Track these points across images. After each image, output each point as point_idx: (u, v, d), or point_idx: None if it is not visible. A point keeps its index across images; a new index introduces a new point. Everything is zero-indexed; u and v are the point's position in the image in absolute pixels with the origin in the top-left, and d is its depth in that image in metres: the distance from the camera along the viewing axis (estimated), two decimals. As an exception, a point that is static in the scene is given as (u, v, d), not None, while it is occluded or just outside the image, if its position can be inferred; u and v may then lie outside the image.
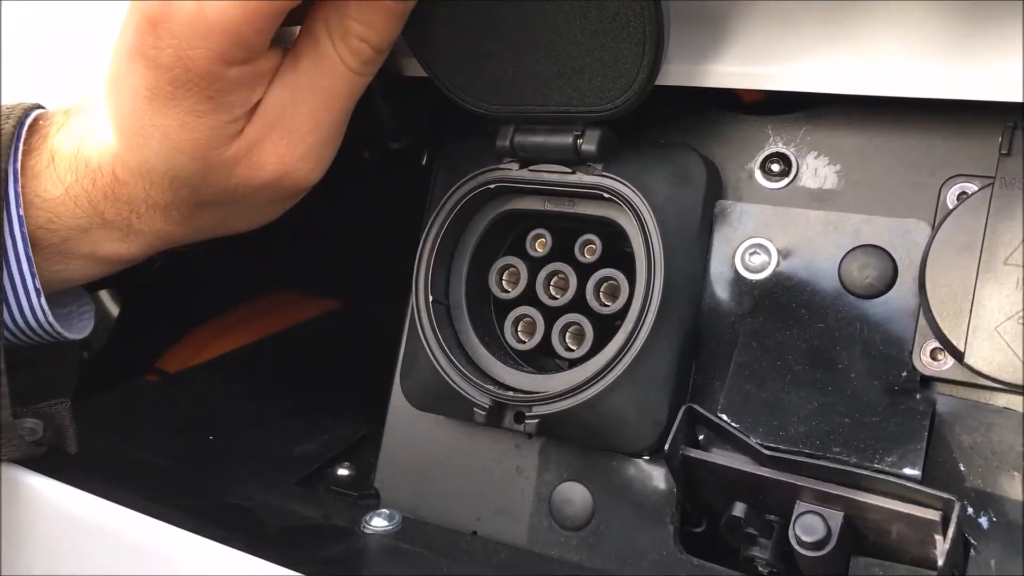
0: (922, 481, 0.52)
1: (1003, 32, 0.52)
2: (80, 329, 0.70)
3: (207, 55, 0.55)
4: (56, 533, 0.66)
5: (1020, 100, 0.51)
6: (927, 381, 0.56)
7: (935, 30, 0.54)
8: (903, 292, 0.56)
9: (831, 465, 0.52)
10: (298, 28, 0.61)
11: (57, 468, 0.67)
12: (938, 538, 0.49)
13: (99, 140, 0.62)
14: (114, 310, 1.06)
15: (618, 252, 0.62)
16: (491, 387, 0.62)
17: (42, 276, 0.63)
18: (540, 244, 0.65)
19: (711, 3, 0.59)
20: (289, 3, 0.55)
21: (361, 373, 0.78)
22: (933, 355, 0.55)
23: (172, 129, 0.58)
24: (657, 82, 0.57)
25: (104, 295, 1.03)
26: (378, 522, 0.65)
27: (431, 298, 0.65)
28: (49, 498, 0.65)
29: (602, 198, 0.61)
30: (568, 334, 0.64)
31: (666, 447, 0.54)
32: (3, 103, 0.66)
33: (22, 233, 0.62)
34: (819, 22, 0.56)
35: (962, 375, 0.54)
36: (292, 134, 0.61)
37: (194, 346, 1.03)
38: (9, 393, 0.62)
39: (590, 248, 0.63)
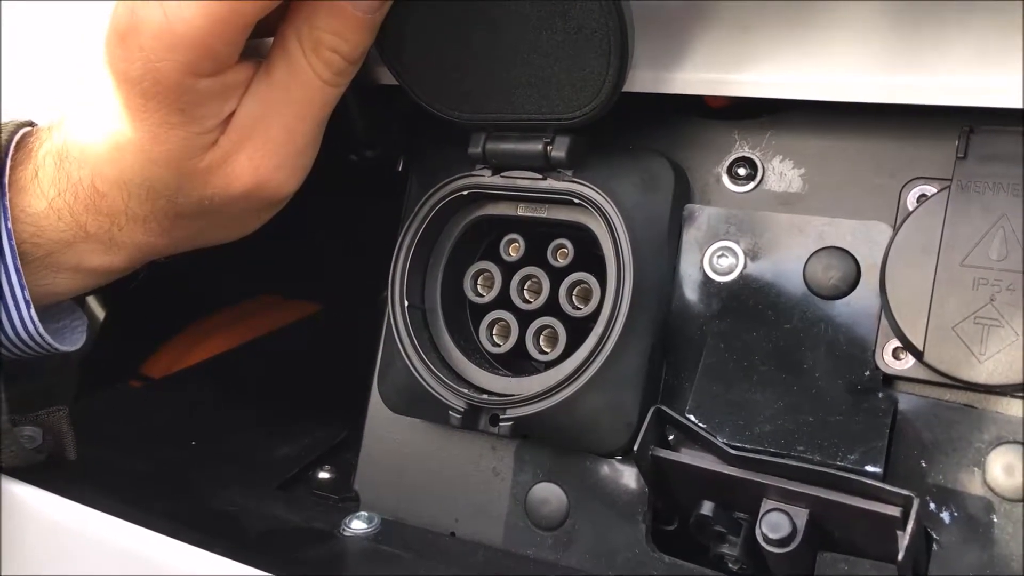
0: (884, 478, 0.53)
1: (959, 39, 0.53)
2: (73, 342, 0.71)
3: (175, 67, 0.55)
4: (39, 540, 0.66)
5: (975, 104, 0.52)
6: (890, 380, 0.57)
7: (894, 36, 0.55)
8: (866, 293, 0.58)
9: (796, 464, 0.53)
10: (270, 40, 0.61)
11: (41, 476, 0.67)
12: (899, 533, 0.50)
13: (79, 153, 0.62)
14: (99, 315, 1.07)
15: (590, 256, 0.63)
16: (466, 390, 0.63)
17: (30, 290, 0.64)
18: (514, 249, 0.66)
19: (676, 12, 0.60)
20: (257, 15, 0.56)
21: (342, 376, 0.79)
22: (895, 354, 0.56)
23: (145, 141, 0.59)
24: (624, 89, 0.58)
25: (90, 301, 1.04)
26: (357, 525, 0.66)
27: (407, 303, 0.65)
28: (33, 506, 0.66)
29: (572, 203, 0.62)
30: (542, 337, 0.65)
31: (635, 448, 0.55)
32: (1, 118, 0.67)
33: (11, 246, 0.63)
34: (781, 30, 0.57)
35: (923, 374, 0.55)
36: (267, 145, 0.61)
37: (178, 351, 1.04)
38: (6, 400, 0.63)
39: (562, 252, 0.64)
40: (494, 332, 0.67)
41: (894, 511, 0.50)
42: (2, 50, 0.87)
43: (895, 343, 0.56)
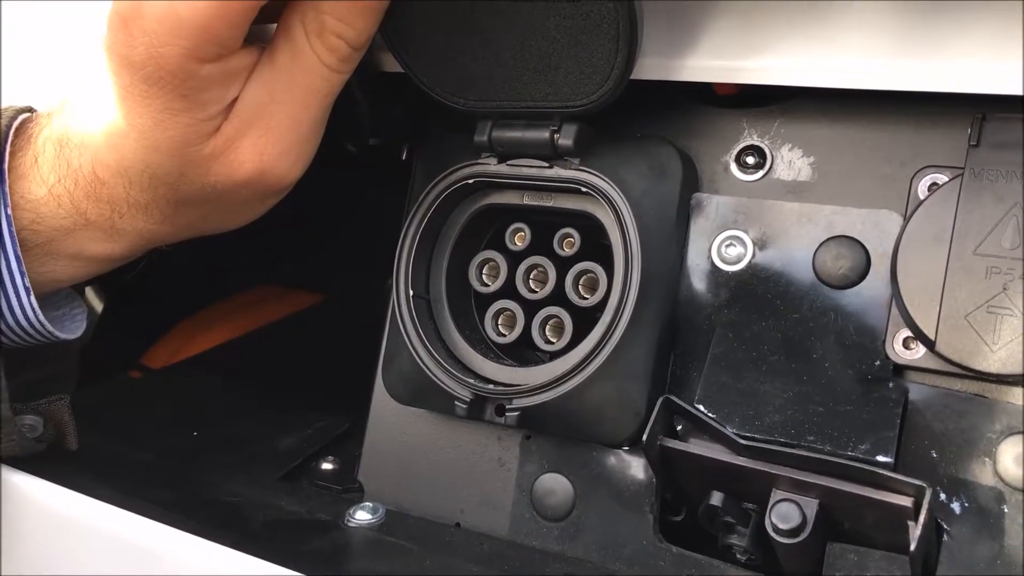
0: (895, 468, 0.52)
1: (970, 25, 0.52)
2: (72, 330, 0.70)
3: (179, 52, 0.55)
4: (41, 530, 0.66)
5: (988, 92, 0.52)
6: (900, 370, 0.56)
7: (905, 23, 0.54)
8: (876, 282, 0.57)
9: (806, 454, 0.52)
10: (274, 26, 0.61)
11: (42, 465, 0.67)
12: (911, 524, 0.50)
13: (79, 140, 0.62)
14: (98, 306, 1.06)
15: (596, 245, 0.63)
16: (471, 380, 0.62)
17: (30, 278, 0.63)
18: (519, 238, 0.65)
19: (685, -2, 0.59)
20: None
21: (345, 367, 0.78)
22: (905, 344, 0.56)
23: (147, 127, 0.58)
24: (632, 76, 0.58)
25: (88, 291, 1.03)
26: (362, 515, 0.65)
27: (411, 292, 0.65)
28: (33, 495, 0.66)
29: (579, 192, 0.62)
30: (548, 327, 0.64)
31: (644, 438, 0.55)
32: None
33: (11, 232, 0.62)
34: (791, 16, 0.57)
35: (934, 363, 0.55)
36: (270, 132, 0.61)
37: (178, 341, 1.03)
38: (8, 388, 0.63)
39: (568, 241, 0.64)
40: (499, 322, 0.66)
41: (906, 501, 0.49)
42: (2, 45, 0.86)
43: (905, 333, 0.56)
